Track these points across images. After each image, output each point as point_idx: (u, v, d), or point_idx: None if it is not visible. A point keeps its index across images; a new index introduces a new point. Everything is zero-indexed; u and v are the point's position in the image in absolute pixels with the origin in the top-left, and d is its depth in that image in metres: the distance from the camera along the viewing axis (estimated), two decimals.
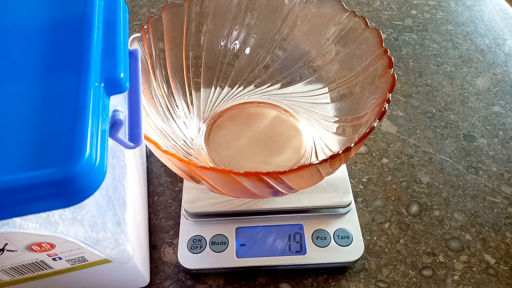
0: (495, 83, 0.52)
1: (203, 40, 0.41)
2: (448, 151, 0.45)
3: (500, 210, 0.41)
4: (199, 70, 0.42)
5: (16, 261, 0.25)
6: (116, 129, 0.21)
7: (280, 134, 0.40)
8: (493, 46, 0.57)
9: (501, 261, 0.38)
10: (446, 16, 0.61)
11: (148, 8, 0.61)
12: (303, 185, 0.32)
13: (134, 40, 0.34)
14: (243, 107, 0.43)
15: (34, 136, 0.17)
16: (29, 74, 0.19)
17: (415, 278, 0.37)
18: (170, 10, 0.37)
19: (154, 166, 0.44)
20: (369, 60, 0.35)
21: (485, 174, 0.44)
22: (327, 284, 0.36)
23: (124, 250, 0.28)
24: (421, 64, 0.54)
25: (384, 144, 0.46)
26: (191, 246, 0.36)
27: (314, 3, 0.39)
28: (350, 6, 0.62)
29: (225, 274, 0.37)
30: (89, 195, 0.17)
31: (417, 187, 0.42)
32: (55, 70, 0.20)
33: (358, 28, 0.36)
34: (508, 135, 0.47)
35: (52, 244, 0.24)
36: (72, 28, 0.21)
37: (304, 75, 0.42)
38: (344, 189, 0.37)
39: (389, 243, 0.39)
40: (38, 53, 0.20)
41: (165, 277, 0.37)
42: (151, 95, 0.36)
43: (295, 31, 0.41)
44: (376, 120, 0.29)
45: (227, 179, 0.28)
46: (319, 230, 0.36)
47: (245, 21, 0.41)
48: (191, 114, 0.41)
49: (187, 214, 0.37)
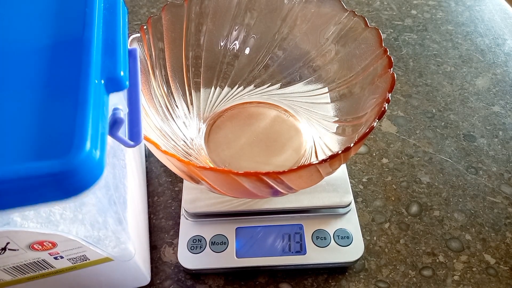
0: (495, 83, 0.52)
1: (203, 40, 0.41)
2: (448, 151, 0.46)
3: (500, 210, 0.41)
4: (199, 70, 0.42)
5: (18, 260, 0.25)
6: (116, 128, 0.21)
7: (280, 134, 0.40)
8: (493, 46, 0.57)
9: (501, 261, 0.38)
10: (446, 16, 0.61)
11: (148, 8, 0.61)
12: (303, 185, 0.32)
13: (133, 40, 0.34)
14: (243, 107, 0.43)
15: (36, 129, 0.18)
16: (33, 71, 0.20)
17: (415, 278, 0.37)
18: (169, 10, 0.37)
19: (154, 166, 0.44)
20: (369, 60, 0.35)
21: (485, 174, 0.44)
22: (327, 284, 0.36)
23: (125, 248, 0.28)
24: (421, 64, 0.54)
25: (384, 144, 0.46)
26: (191, 246, 0.36)
27: (314, 3, 0.39)
28: (350, 6, 0.62)
29: (225, 274, 0.37)
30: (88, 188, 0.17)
31: (417, 187, 0.43)
32: (57, 67, 0.20)
33: (357, 28, 0.36)
34: (508, 135, 0.47)
35: (53, 242, 0.24)
36: (74, 28, 0.22)
37: (304, 75, 0.42)
38: (344, 189, 0.37)
39: (389, 243, 0.39)
40: (42, 52, 0.21)
41: (165, 277, 0.37)
42: (151, 95, 0.36)
43: (294, 31, 0.41)
44: (376, 120, 0.29)
45: (226, 179, 0.28)
46: (319, 230, 0.36)
47: (245, 21, 0.41)
48: (191, 114, 0.41)
49: (187, 214, 0.37)
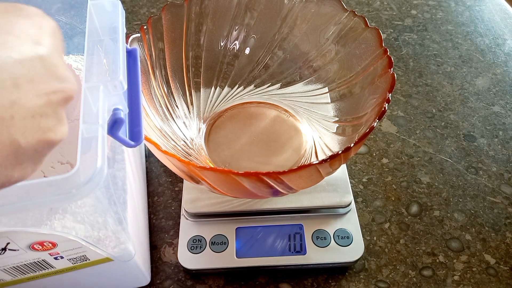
0: (495, 83, 0.52)
1: (203, 40, 0.41)
2: (448, 151, 0.46)
3: (500, 210, 0.41)
4: (199, 70, 0.42)
5: (18, 260, 0.25)
6: (117, 128, 0.21)
7: (280, 134, 0.40)
8: (493, 46, 0.57)
9: (501, 261, 0.38)
10: (446, 16, 0.61)
11: (148, 8, 0.61)
12: (303, 185, 0.32)
13: (133, 40, 0.34)
14: (243, 107, 0.43)
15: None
16: None
17: (415, 278, 0.37)
18: (169, 10, 0.37)
19: (154, 166, 0.44)
20: (369, 60, 0.35)
21: (485, 174, 0.44)
22: (327, 284, 0.36)
23: (125, 248, 0.28)
24: (421, 64, 0.54)
25: (384, 144, 0.46)
26: (191, 246, 0.36)
27: (314, 3, 0.39)
28: (350, 6, 0.62)
29: (225, 274, 0.37)
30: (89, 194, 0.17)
31: (417, 187, 0.43)
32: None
33: (357, 27, 0.36)
34: (508, 135, 0.47)
35: (54, 243, 0.24)
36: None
37: (304, 75, 0.42)
38: (344, 189, 0.37)
39: (389, 243, 0.39)
40: None
41: (165, 277, 0.37)
42: (151, 96, 0.36)
43: (295, 31, 0.41)
44: (376, 120, 0.29)
45: (226, 179, 0.28)
46: (319, 230, 0.36)
47: (245, 21, 0.41)
48: (191, 114, 0.41)
49: (187, 214, 0.37)
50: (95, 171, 0.18)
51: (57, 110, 0.15)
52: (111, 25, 0.24)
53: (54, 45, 0.15)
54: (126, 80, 0.22)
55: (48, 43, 0.15)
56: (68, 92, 0.16)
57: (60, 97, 0.15)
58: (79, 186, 0.18)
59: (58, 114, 0.15)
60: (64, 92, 0.15)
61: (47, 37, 0.15)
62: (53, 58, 0.15)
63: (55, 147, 0.16)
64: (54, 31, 0.16)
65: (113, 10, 0.25)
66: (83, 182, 0.18)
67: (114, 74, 0.21)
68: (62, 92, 0.15)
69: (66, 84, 0.15)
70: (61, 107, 0.16)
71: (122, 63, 0.22)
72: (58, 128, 0.15)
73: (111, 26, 0.24)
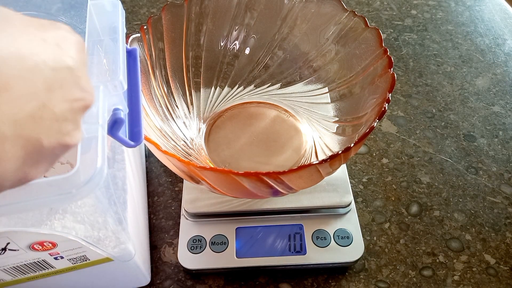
0: (495, 83, 0.52)
1: (203, 40, 0.41)
2: (448, 151, 0.46)
3: (500, 210, 0.41)
4: (199, 70, 0.42)
5: (18, 260, 0.25)
6: (117, 128, 0.21)
7: (280, 134, 0.40)
8: (493, 46, 0.57)
9: (501, 261, 0.38)
10: (446, 16, 0.61)
11: (148, 8, 0.61)
12: (303, 185, 0.32)
13: (133, 40, 0.34)
14: (243, 107, 0.43)
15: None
16: None
17: (415, 278, 0.37)
18: (169, 10, 0.37)
19: (154, 166, 0.44)
20: (369, 59, 0.35)
21: (485, 174, 0.44)
22: (327, 284, 0.36)
23: (125, 248, 0.28)
24: (421, 64, 0.54)
25: (384, 144, 0.46)
26: (191, 246, 0.36)
27: (314, 3, 0.39)
28: (350, 6, 0.62)
29: (225, 274, 0.37)
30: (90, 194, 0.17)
31: (417, 187, 0.43)
32: None
33: (358, 27, 0.36)
34: (508, 135, 0.47)
35: (54, 243, 0.24)
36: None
37: (304, 75, 0.42)
38: (344, 189, 0.37)
39: (389, 243, 0.39)
40: None
41: (165, 277, 0.37)
42: (151, 96, 0.36)
43: (295, 31, 0.41)
44: (376, 120, 0.29)
45: (226, 179, 0.28)
46: (319, 230, 0.36)
47: (245, 21, 0.41)
48: (191, 114, 0.41)
49: (187, 214, 0.37)
50: (95, 171, 0.18)
51: (77, 116, 0.17)
52: (111, 25, 0.24)
53: (81, 58, 0.17)
54: (126, 80, 0.22)
55: (76, 56, 0.17)
56: (88, 101, 0.17)
57: (81, 105, 0.17)
58: (79, 186, 0.18)
59: (77, 120, 0.17)
60: (84, 101, 0.17)
61: (75, 51, 0.17)
62: (79, 70, 0.16)
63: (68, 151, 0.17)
64: (81, 46, 0.17)
65: (113, 10, 0.25)
66: (83, 182, 0.18)
67: (114, 74, 0.21)
68: (83, 100, 0.17)
69: (87, 94, 0.17)
70: (80, 115, 0.17)
71: (122, 63, 0.22)
72: (75, 133, 0.17)
73: (111, 26, 0.24)
